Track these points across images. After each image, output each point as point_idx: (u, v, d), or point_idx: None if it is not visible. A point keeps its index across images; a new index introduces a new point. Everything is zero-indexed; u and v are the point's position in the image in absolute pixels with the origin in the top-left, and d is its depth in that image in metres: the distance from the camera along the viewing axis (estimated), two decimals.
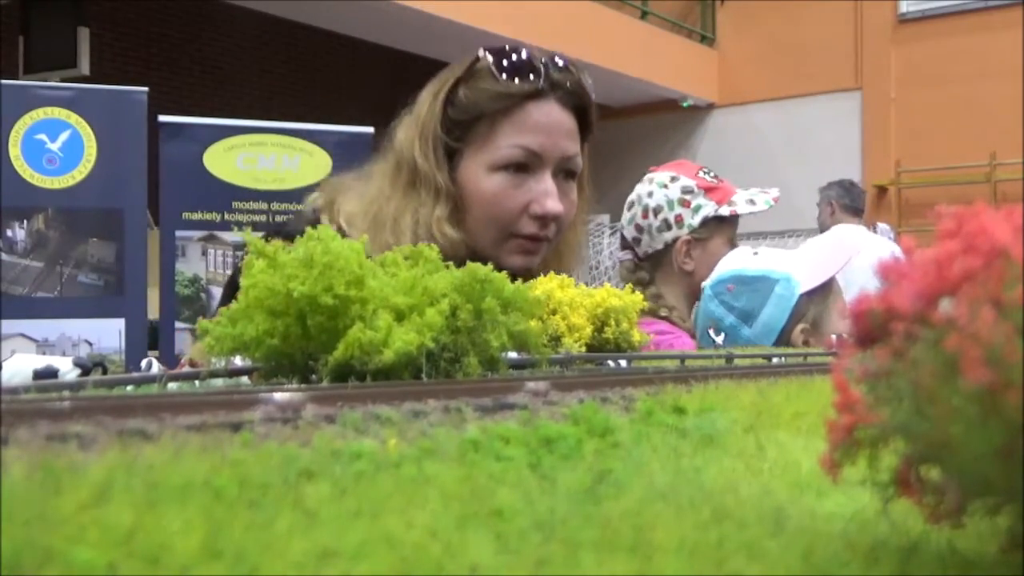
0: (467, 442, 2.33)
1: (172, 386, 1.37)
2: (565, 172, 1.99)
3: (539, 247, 2.01)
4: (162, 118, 8.88)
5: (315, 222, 2.10)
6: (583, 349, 2.19)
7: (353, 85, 7.27)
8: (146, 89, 8.98)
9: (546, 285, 2.02)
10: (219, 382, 1.41)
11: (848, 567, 1.58)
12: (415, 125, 1.97)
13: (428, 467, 1.96)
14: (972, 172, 15.21)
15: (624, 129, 17.19)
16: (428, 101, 1.96)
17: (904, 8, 16.61)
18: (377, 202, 2.03)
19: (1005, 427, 1.50)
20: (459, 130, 1.95)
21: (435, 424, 2.04)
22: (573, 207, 2.03)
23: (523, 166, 1.95)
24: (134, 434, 1.20)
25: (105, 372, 1.67)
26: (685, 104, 17.75)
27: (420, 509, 1.69)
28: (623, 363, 2.27)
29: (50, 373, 1.45)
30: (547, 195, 1.95)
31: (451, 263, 1.94)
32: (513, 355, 1.88)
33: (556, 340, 2.11)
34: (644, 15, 16.97)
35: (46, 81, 7.45)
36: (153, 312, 5.60)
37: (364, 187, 2.07)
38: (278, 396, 1.19)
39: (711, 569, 1.54)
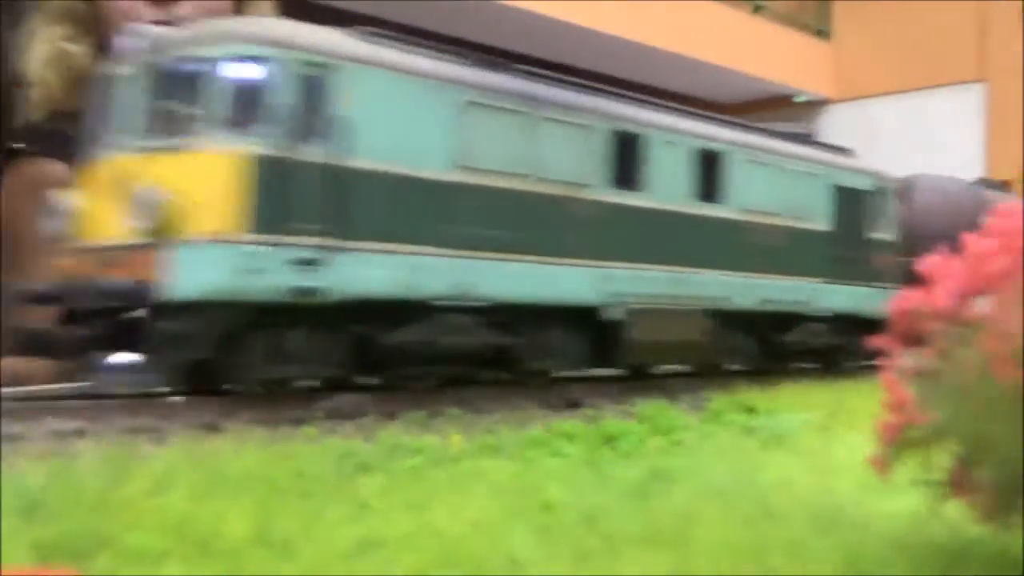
0: (528, 439, 2.43)
1: None
2: None
3: None
4: None
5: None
6: None
7: None
8: None
9: None
10: None
11: (892, 568, 1.61)
12: None
13: (484, 463, 2.05)
14: None
15: None
16: None
17: None
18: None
19: None
20: None
21: (500, 421, 2.11)
22: None
23: None
24: (202, 427, 1.31)
25: None
26: (798, 100, 17.39)
27: (469, 503, 1.78)
28: None
29: None
30: None
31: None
32: None
33: None
34: (757, 9, 16.69)
35: None
36: None
37: None
38: (345, 394, 1.26)
39: (749, 567, 1.60)
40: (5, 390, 3.84)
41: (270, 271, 3.14)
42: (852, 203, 8.78)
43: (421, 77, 4.50)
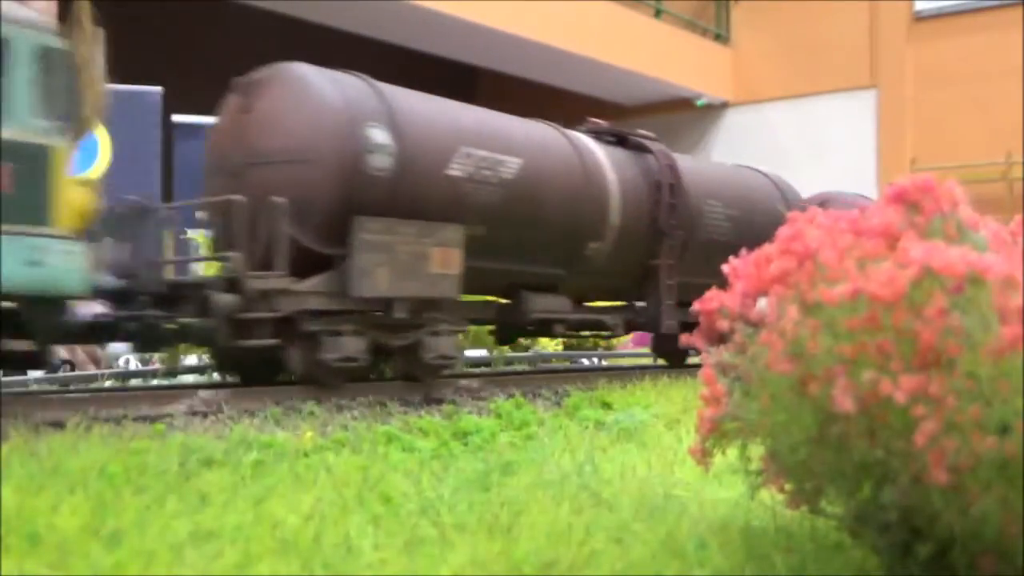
0: (382, 434, 2.58)
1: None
2: None
3: None
4: (175, 118, 8.99)
5: None
6: (559, 348, 2.32)
7: None
8: (160, 89, 9.07)
9: None
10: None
11: (706, 549, 1.79)
12: None
13: (332, 457, 2.18)
14: (988, 170, 15.24)
15: (639, 128, 17.20)
16: None
17: (920, 6, 16.55)
18: None
19: (815, 415, 1.72)
20: None
21: (358, 418, 2.21)
22: None
23: None
24: (47, 424, 1.35)
25: (73, 369, 1.81)
26: (700, 103, 17.72)
27: (309, 495, 1.92)
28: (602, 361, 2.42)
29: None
30: None
31: None
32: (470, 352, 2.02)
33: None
34: (658, 13, 16.97)
35: None
36: None
37: None
38: (203, 392, 1.31)
39: (573, 549, 1.76)
40: None
41: None
42: None
43: None
